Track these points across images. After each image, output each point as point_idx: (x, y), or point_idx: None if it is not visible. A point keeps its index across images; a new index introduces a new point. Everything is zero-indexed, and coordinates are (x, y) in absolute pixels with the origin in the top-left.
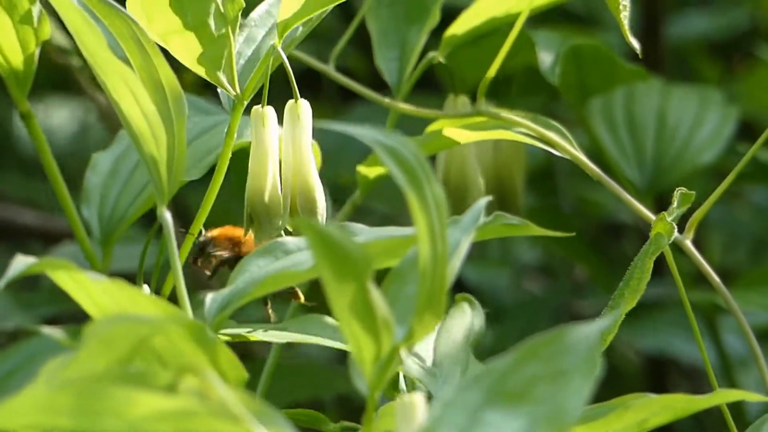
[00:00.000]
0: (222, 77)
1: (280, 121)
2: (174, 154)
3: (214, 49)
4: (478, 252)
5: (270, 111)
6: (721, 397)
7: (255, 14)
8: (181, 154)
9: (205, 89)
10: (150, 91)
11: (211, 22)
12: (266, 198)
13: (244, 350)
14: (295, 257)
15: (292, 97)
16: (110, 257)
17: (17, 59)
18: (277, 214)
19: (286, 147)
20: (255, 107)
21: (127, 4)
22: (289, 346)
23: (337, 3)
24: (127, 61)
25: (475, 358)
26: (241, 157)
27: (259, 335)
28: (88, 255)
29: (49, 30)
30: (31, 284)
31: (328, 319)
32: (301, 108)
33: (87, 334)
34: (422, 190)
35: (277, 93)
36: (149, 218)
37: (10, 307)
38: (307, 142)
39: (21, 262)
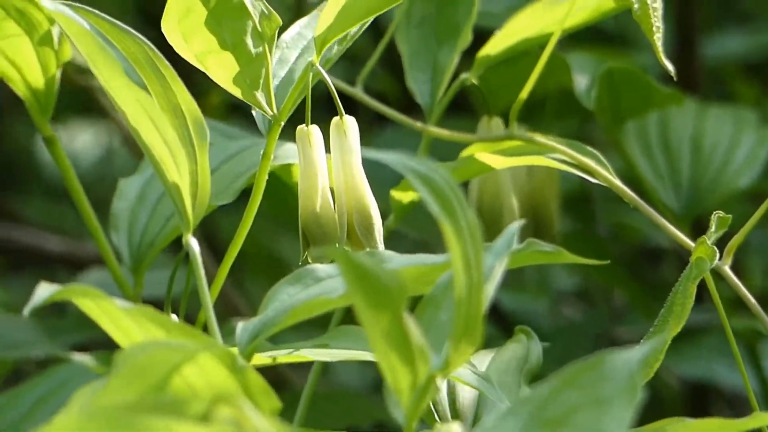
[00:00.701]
0: (259, 97)
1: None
2: (197, 180)
3: (251, 68)
4: (515, 278)
5: (315, 129)
6: (758, 420)
7: (287, 36)
8: (205, 180)
9: (229, 115)
10: (169, 117)
11: (248, 40)
12: (320, 218)
13: (279, 379)
14: (325, 285)
15: (324, 119)
16: (142, 283)
17: (38, 82)
18: (332, 235)
19: (335, 165)
20: (300, 127)
21: (162, 24)
22: (325, 372)
23: (372, 16)
24: (143, 87)
25: (527, 389)
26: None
27: (294, 355)
28: (119, 281)
29: (69, 51)
30: (59, 311)
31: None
32: (347, 124)
33: (119, 362)
34: (456, 216)
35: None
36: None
37: (38, 334)
38: (357, 158)
39: (46, 290)
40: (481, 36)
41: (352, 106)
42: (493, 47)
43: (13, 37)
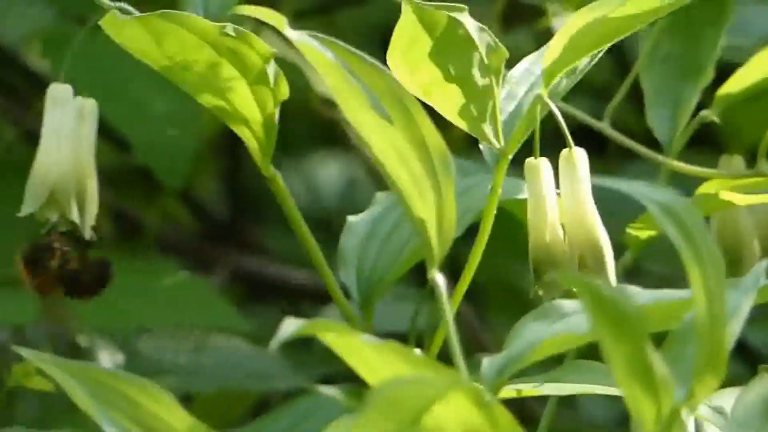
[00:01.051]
0: (487, 129)
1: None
2: (442, 214)
3: (478, 100)
4: (763, 315)
5: (544, 162)
6: None
7: (515, 71)
8: (450, 213)
9: (471, 148)
10: (415, 150)
11: (475, 73)
12: (550, 252)
13: (522, 413)
14: (570, 321)
15: (553, 153)
16: (371, 319)
17: (256, 123)
18: (563, 268)
19: (565, 198)
20: (528, 159)
21: (387, 56)
22: (570, 405)
23: (599, 50)
24: (388, 120)
25: None
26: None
27: (535, 389)
28: (348, 317)
29: (287, 90)
30: (304, 343)
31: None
32: (577, 156)
33: (372, 396)
34: (698, 250)
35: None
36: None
37: (284, 366)
38: (587, 191)
39: (291, 325)
40: (725, 72)
41: (595, 142)
42: (735, 85)
43: (226, 78)
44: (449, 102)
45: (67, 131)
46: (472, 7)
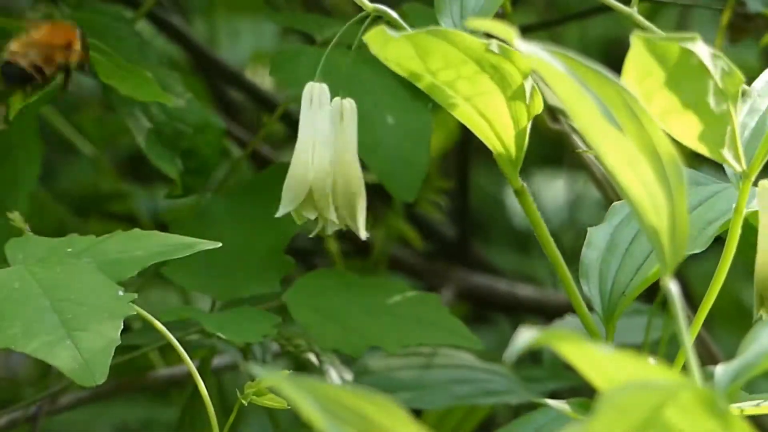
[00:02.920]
0: (726, 154)
1: None
2: (675, 222)
3: (715, 126)
4: None
5: None
6: None
7: (758, 84)
8: (683, 223)
9: (696, 159)
10: (647, 159)
11: (710, 99)
12: None
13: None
14: None
15: None
16: (613, 332)
17: (509, 136)
18: None
19: None
20: (762, 182)
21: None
22: None
23: None
24: (619, 128)
25: None
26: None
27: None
28: (591, 330)
29: (541, 104)
30: (532, 359)
31: None
32: None
33: (601, 403)
34: None
35: None
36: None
37: (513, 382)
38: None
39: (526, 335)
40: None
41: None
42: None
43: (486, 92)
44: (686, 129)
45: (324, 131)
46: (698, 17)
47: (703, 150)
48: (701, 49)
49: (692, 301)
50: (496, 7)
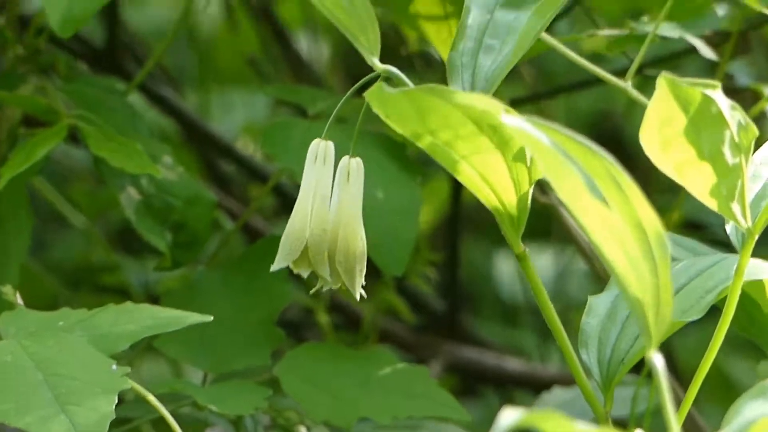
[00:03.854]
0: (735, 207)
1: None
2: (659, 297)
3: (728, 179)
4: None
5: None
6: None
7: (759, 154)
8: (667, 295)
9: (686, 233)
10: (631, 232)
11: (725, 151)
12: None
13: None
14: None
15: None
16: (611, 400)
17: (510, 199)
18: None
19: None
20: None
21: (640, 133)
22: None
23: None
24: (604, 201)
25: None
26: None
27: None
28: (590, 399)
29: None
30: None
31: None
32: None
33: None
34: None
35: None
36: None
37: None
38: None
39: (510, 415)
40: None
41: None
42: None
43: (485, 153)
44: (701, 180)
45: (326, 188)
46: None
47: (712, 204)
48: (721, 99)
49: (678, 372)
50: (505, 74)
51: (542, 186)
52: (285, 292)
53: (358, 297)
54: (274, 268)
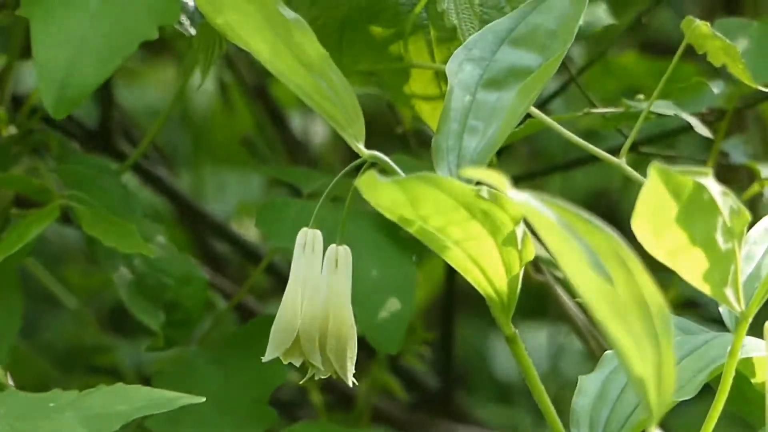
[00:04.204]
0: (728, 293)
1: None
2: (662, 374)
3: (721, 264)
4: None
5: None
6: None
7: (753, 233)
8: (669, 373)
9: (682, 310)
10: (635, 309)
11: (718, 237)
12: None
13: None
14: None
15: None
16: None
17: (501, 282)
18: None
19: None
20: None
21: (632, 219)
22: None
23: None
24: (608, 278)
25: None
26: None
27: None
28: None
29: (533, 251)
30: None
31: None
32: None
33: None
34: None
35: None
36: None
37: None
38: None
39: None
40: None
41: None
42: None
43: (477, 238)
44: (694, 266)
45: (315, 277)
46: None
47: (706, 289)
48: (713, 185)
49: None
50: (491, 156)
51: (537, 264)
52: (278, 372)
53: (350, 383)
54: (266, 358)
